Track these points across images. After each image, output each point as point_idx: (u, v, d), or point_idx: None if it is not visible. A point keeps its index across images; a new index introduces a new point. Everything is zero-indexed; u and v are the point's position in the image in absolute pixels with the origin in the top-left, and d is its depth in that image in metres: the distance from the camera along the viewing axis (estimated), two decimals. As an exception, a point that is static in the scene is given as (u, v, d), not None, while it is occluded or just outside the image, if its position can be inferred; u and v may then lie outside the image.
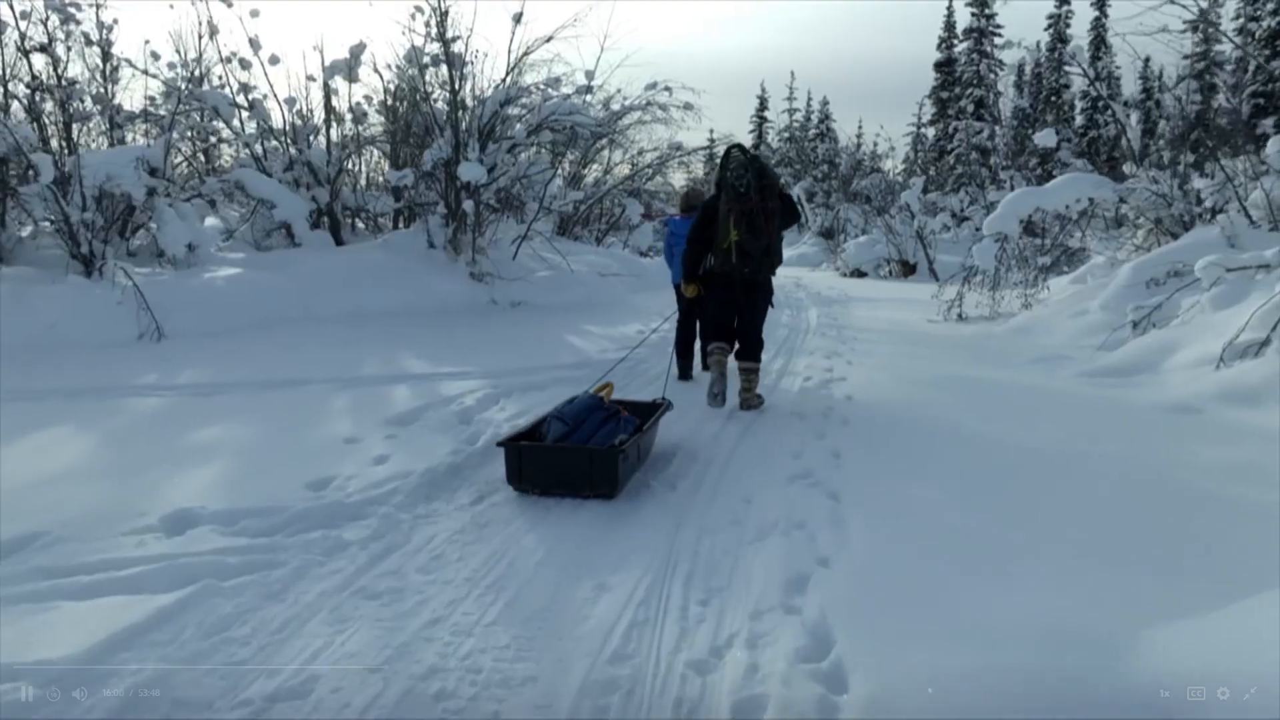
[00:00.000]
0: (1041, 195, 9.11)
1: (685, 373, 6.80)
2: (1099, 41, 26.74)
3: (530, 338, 8.43)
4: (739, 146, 5.28)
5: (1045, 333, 7.52)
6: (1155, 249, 8.80)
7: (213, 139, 13.50)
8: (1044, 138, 10.11)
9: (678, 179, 39.46)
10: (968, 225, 19.87)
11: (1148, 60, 30.27)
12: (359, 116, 12.10)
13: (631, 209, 18.48)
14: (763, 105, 47.14)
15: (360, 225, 13.32)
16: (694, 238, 5.37)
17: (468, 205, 10.00)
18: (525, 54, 11.51)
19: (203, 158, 14.61)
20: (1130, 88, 29.14)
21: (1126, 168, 9.48)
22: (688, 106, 17.09)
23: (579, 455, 3.73)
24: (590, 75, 11.22)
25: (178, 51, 13.25)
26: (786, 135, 40.79)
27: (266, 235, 11.93)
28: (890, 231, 17.35)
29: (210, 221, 12.94)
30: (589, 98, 13.45)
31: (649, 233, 19.09)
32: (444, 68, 10.72)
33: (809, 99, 43.44)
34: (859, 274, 17.83)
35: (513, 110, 11.57)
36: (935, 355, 7.20)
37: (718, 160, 33.47)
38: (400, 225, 12.67)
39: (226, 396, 5.65)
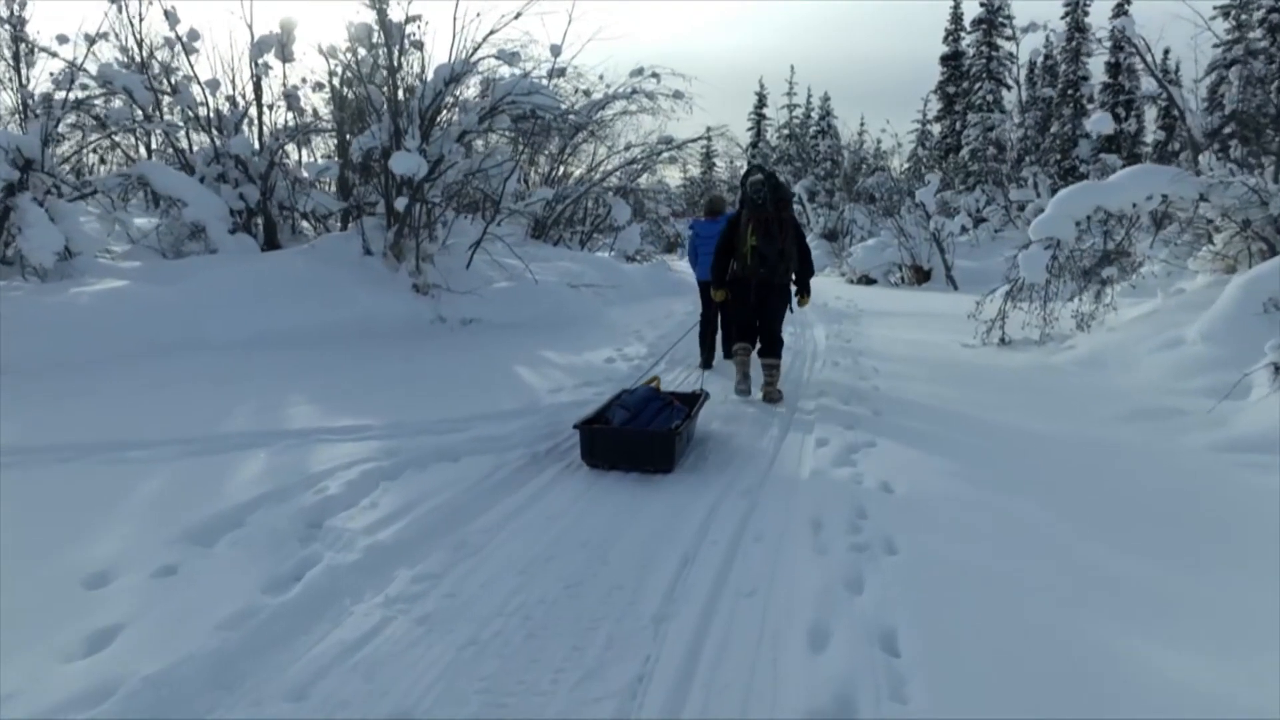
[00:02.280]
0: (1103, 192, 7.42)
1: (708, 363, 7.38)
2: (1121, 30, 24.97)
3: (469, 371, 6.73)
4: (759, 166, 6.03)
5: (1124, 368, 5.83)
6: (1245, 258, 7.12)
7: (134, 127, 11.75)
8: (1098, 123, 8.41)
9: (673, 176, 37.78)
10: (985, 227, 18.18)
11: (1167, 52, 28.65)
12: (292, 101, 10.39)
13: (618, 209, 16.81)
14: (761, 102, 45.50)
15: (306, 227, 11.64)
16: (720, 248, 5.93)
17: (400, 203, 8.29)
18: (491, 32, 9.81)
19: (143, 149, 12.94)
20: (1148, 82, 27.48)
21: (1203, 158, 7.80)
22: (677, 95, 15.44)
23: (643, 437, 4.26)
24: (557, 51, 9.49)
25: (117, 35, 11.58)
26: (786, 132, 39.07)
27: (186, 239, 10.21)
28: (902, 234, 15.64)
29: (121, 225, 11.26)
30: (560, 81, 11.78)
31: (637, 235, 17.39)
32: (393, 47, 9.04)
33: (809, 95, 41.79)
34: (867, 280, 16.14)
35: (469, 93, 9.90)
36: (989, 401, 5.50)
37: (714, 158, 31.62)
38: (350, 227, 10.98)
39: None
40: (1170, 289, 7.62)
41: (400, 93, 8.90)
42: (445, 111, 8.91)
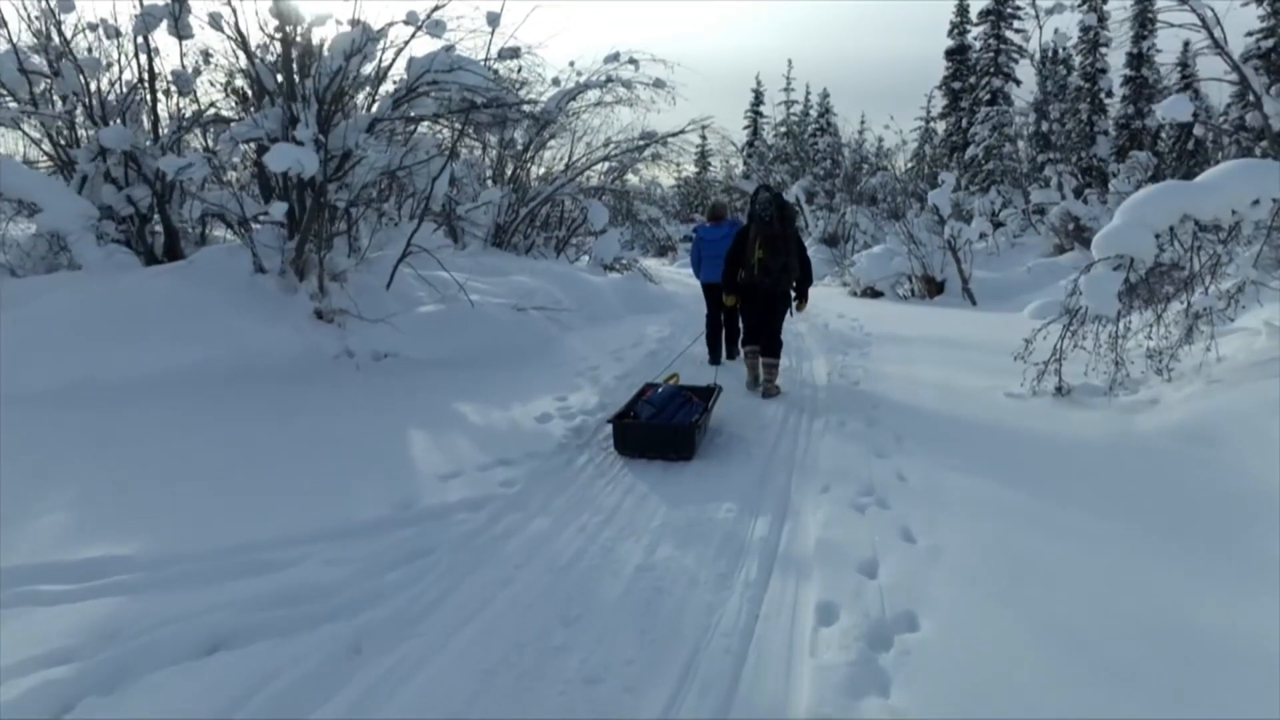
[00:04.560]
0: (1192, 195, 5.64)
1: (715, 359, 7.61)
2: (1144, 18, 23.21)
3: (345, 438, 4.95)
4: (765, 187, 6.61)
5: (1258, 449, 4.05)
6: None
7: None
8: (1173, 107, 6.62)
9: (666, 178, 35.88)
10: (1003, 232, 16.43)
11: (1187, 45, 27.02)
12: (182, 84, 8.60)
13: (595, 212, 15.04)
14: (758, 99, 43.69)
15: (229, 235, 9.84)
16: (729, 259, 6.48)
17: (277, 209, 6.50)
18: (435, 8, 8.02)
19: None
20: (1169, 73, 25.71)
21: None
22: (659, 84, 13.66)
23: (667, 430, 4.86)
24: (494, 19, 7.68)
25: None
26: (783, 129, 37.28)
27: (52, 252, 8.45)
28: (911, 241, 13.87)
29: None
30: (513, 63, 10.00)
31: (615, 242, 15.56)
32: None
33: (808, 91, 40.01)
34: (873, 293, 14.36)
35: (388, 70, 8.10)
36: (1073, 508, 3.71)
37: (709, 157, 30.11)
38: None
39: None
40: (1275, 321, 5.85)
41: (298, 71, 7.12)
42: (350, 95, 7.12)
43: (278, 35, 7.06)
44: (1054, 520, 3.58)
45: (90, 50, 8.84)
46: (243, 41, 6.97)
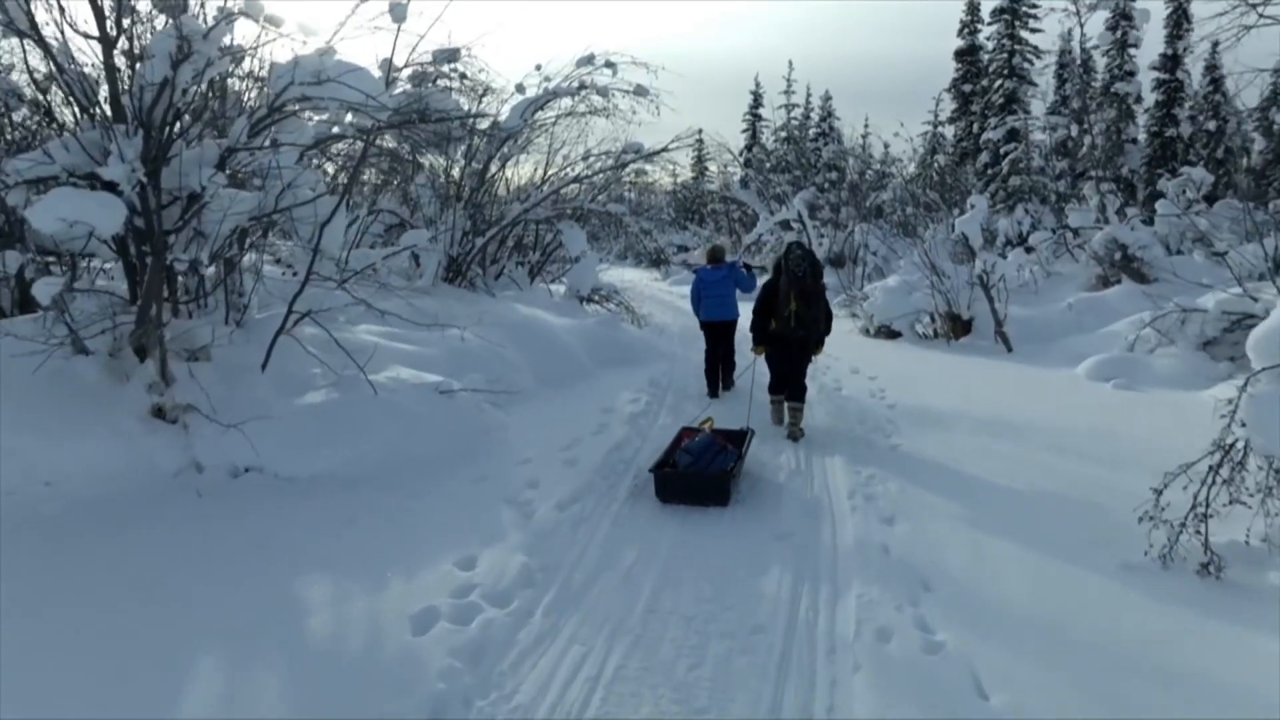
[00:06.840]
0: None
1: (713, 392, 8.28)
2: (1180, 16, 21.28)
3: (72, 693, 3.01)
4: (798, 244, 6.98)
5: None
6: None
7: None
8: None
9: (659, 182, 34.03)
10: (1034, 257, 14.48)
11: (1216, 45, 25.14)
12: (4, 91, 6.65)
13: (570, 237, 13.11)
14: (757, 102, 41.67)
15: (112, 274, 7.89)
16: (760, 310, 6.95)
17: (41, 290, 4.53)
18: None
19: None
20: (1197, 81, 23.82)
21: None
22: (640, 91, 11.73)
23: (703, 478, 5.19)
24: (400, 11, 5.73)
25: None
26: (784, 135, 35.34)
27: None
28: (934, 272, 11.93)
29: None
30: (453, 69, 8.07)
31: (594, 271, 13.63)
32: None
33: (808, 94, 38.06)
34: (889, 333, 12.43)
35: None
36: None
37: (706, 162, 27.94)
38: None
39: None
40: None
41: (123, 78, 5.19)
42: (195, 116, 5.19)
43: (94, 35, 5.11)
44: None
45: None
46: (39, 38, 5.00)
